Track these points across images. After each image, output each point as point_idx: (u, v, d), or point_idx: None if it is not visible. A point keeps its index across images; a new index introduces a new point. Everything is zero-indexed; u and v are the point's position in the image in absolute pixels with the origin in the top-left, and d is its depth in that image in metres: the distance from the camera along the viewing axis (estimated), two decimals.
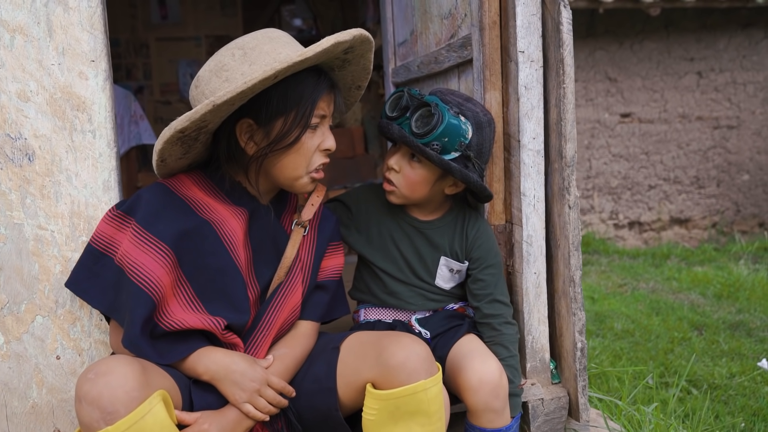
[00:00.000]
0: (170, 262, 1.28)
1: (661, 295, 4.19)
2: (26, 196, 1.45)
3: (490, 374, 1.43)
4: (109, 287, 1.31)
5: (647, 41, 5.82)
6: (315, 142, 1.36)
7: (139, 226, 1.29)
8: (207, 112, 1.21)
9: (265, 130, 1.32)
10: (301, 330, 1.48)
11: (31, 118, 1.43)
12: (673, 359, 2.99)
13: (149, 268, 1.25)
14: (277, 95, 1.30)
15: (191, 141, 1.31)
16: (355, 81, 1.53)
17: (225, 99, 1.20)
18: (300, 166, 1.35)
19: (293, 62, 1.22)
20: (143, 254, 1.26)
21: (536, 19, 1.64)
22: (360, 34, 1.33)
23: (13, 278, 1.46)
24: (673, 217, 6.05)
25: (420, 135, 1.47)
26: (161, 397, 1.14)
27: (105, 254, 1.33)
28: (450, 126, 1.46)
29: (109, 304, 1.32)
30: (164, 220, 1.31)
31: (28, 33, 1.41)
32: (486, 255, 1.61)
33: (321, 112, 1.36)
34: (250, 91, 1.22)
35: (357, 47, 1.38)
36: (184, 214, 1.34)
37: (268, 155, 1.33)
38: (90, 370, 1.11)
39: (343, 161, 4.09)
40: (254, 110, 1.31)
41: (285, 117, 1.31)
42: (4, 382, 1.48)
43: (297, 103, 1.31)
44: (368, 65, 1.48)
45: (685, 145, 6.00)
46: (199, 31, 5.68)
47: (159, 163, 1.34)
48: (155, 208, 1.32)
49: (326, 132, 1.39)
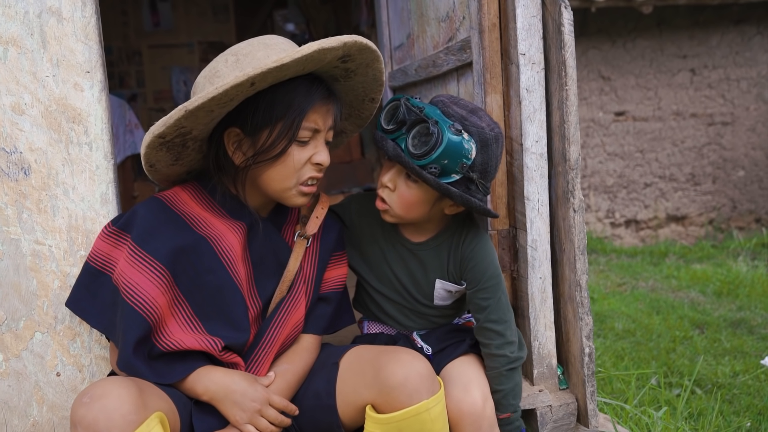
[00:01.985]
0: (166, 282, 1.26)
1: (660, 293, 4.19)
2: (23, 211, 1.42)
3: (471, 405, 1.35)
4: (107, 306, 1.29)
5: (640, 39, 5.83)
6: (305, 155, 1.29)
7: (134, 244, 1.26)
8: (180, 117, 1.17)
9: (252, 140, 1.27)
10: (304, 344, 1.44)
11: (26, 132, 1.40)
12: (675, 358, 2.98)
13: (144, 289, 1.23)
14: (265, 104, 1.25)
15: (178, 147, 1.27)
16: (367, 93, 1.45)
17: (197, 104, 1.15)
18: (287, 179, 1.29)
19: (267, 68, 1.14)
20: (138, 274, 1.24)
21: (537, 20, 1.62)
22: (354, 42, 1.23)
23: (11, 294, 1.43)
24: (670, 215, 6.05)
25: (417, 156, 1.32)
26: (159, 420, 1.11)
27: (102, 272, 1.30)
28: (450, 146, 1.31)
29: (108, 323, 1.29)
30: (160, 238, 1.27)
31: (22, 45, 1.38)
32: (479, 277, 1.46)
33: (312, 125, 1.28)
34: (224, 97, 1.16)
35: (355, 56, 1.29)
36: (180, 230, 1.31)
37: (253, 166, 1.28)
38: (85, 394, 1.08)
39: (339, 166, 4.07)
40: (242, 119, 1.26)
41: (271, 127, 1.25)
42: (4, 401, 1.45)
43: (284, 113, 1.25)
44: (379, 76, 1.39)
45: (679, 143, 6.00)
46: (191, 37, 5.65)
47: (149, 168, 1.31)
48: (151, 224, 1.29)
49: (319, 145, 1.31)
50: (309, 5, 5.18)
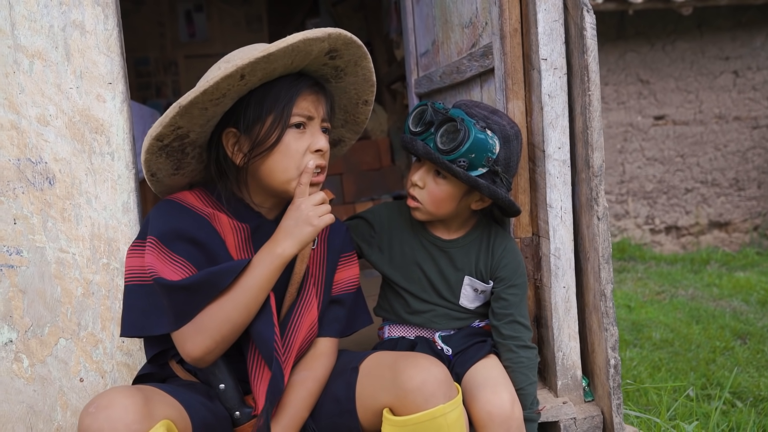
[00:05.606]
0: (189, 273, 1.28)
1: (701, 302, 4.06)
2: (48, 220, 1.45)
3: (500, 407, 1.37)
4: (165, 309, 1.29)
5: (680, 41, 5.68)
6: (303, 144, 1.31)
7: (156, 241, 1.28)
8: (175, 114, 1.19)
9: (248, 137, 1.30)
10: (321, 349, 1.44)
11: (50, 142, 1.44)
12: (715, 370, 2.88)
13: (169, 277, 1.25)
14: (255, 99, 1.29)
15: (178, 154, 1.30)
16: (360, 95, 1.48)
17: (190, 99, 1.18)
18: (289, 168, 1.31)
19: (256, 58, 1.17)
20: (164, 267, 1.25)
21: (558, 25, 1.59)
22: (339, 34, 1.26)
23: (36, 301, 1.46)
24: (712, 221, 5.87)
25: (446, 152, 1.43)
26: (165, 428, 1.11)
27: (144, 285, 1.30)
28: (477, 141, 1.42)
29: (174, 322, 1.27)
30: (178, 234, 1.29)
31: (47, 58, 1.42)
32: (511, 275, 1.56)
33: (304, 112, 1.31)
34: (216, 91, 1.19)
35: (342, 50, 1.31)
36: (194, 224, 1.32)
37: (253, 160, 1.30)
38: (91, 404, 1.09)
39: (369, 173, 4.06)
40: (236, 118, 1.30)
41: (263, 119, 1.28)
42: (30, 405, 1.48)
43: (274, 103, 1.28)
44: (369, 75, 1.42)
45: (722, 147, 5.82)
46: (225, 47, 5.72)
47: (150, 178, 1.33)
48: (167, 222, 1.30)
49: (316, 133, 1.33)
50: (341, 14, 5.21)
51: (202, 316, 1.25)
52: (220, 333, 1.24)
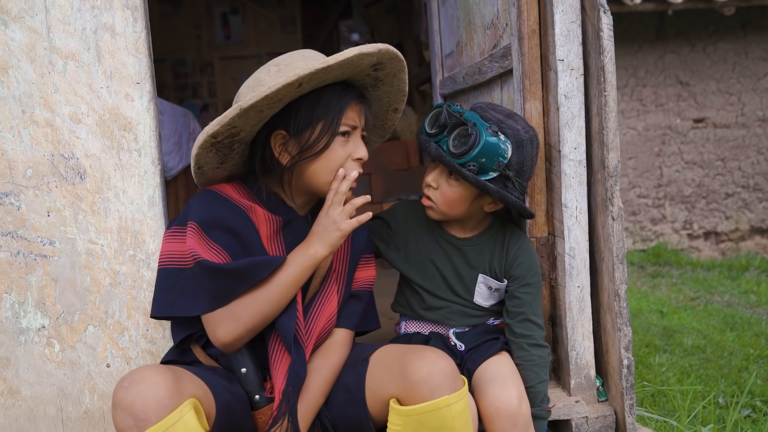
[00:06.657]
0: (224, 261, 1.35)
1: (736, 309, 3.96)
2: (78, 213, 1.53)
3: (507, 403, 1.40)
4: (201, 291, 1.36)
5: (721, 42, 5.55)
6: (346, 151, 1.39)
7: (197, 227, 1.35)
8: (235, 116, 1.27)
9: (297, 140, 1.37)
10: (337, 338, 1.49)
11: (82, 139, 1.52)
12: (747, 378, 2.82)
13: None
14: (306, 105, 1.36)
15: (225, 149, 1.38)
16: (391, 103, 1.55)
17: (251, 103, 1.26)
18: (332, 173, 1.38)
19: (315, 69, 1.26)
20: (203, 250, 1.33)
21: (576, 26, 1.60)
22: (387, 50, 1.35)
23: (67, 290, 1.54)
24: (754, 227, 5.71)
25: (457, 155, 1.45)
26: (192, 405, 1.17)
27: (182, 269, 1.37)
28: (488, 146, 1.43)
29: (207, 304, 1.34)
30: (218, 222, 1.37)
31: (80, 59, 1.50)
32: (525, 274, 1.57)
33: (351, 122, 1.39)
34: (275, 96, 1.27)
35: (386, 64, 1.39)
36: (233, 214, 1.39)
37: (300, 162, 1.38)
38: (125, 379, 1.16)
39: (398, 173, 4.09)
40: (286, 121, 1.37)
41: (314, 125, 1.36)
42: (60, 388, 1.56)
43: (325, 111, 1.36)
44: (403, 86, 1.49)
45: (765, 150, 5.66)
46: (260, 49, 5.85)
47: (196, 171, 1.41)
48: (208, 211, 1.38)
49: (358, 142, 1.41)
50: (373, 16, 5.26)
51: (236, 305, 1.33)
52: (251, 322, 1.34)
